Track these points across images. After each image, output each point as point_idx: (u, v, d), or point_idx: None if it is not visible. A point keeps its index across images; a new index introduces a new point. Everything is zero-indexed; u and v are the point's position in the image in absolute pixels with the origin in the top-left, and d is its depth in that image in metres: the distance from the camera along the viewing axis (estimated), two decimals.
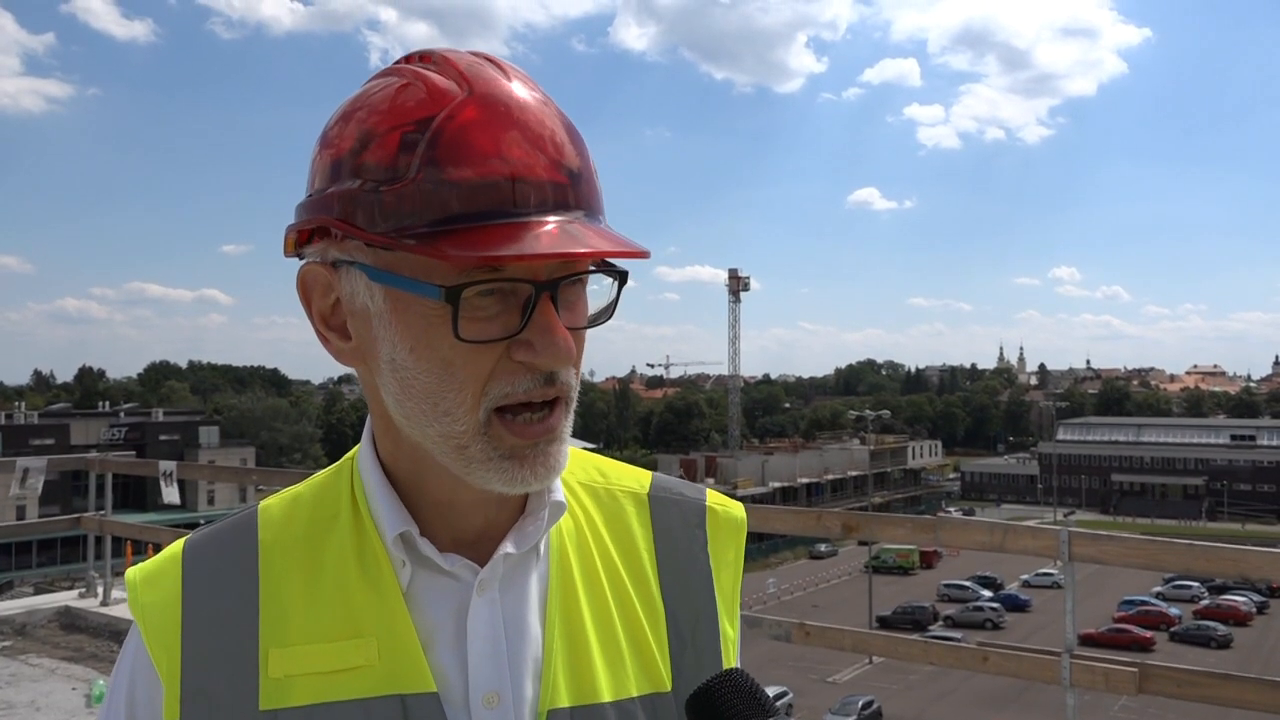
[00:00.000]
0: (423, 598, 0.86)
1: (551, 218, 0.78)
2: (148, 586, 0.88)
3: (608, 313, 0.86)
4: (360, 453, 0.91)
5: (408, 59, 0.86)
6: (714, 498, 1.01)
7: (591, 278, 0.85)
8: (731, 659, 0.96)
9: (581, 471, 0.99)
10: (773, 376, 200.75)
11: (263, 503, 0.94)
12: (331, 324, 0.86)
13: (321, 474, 0.95)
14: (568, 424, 0.85)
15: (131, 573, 0.89)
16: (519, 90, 0.82)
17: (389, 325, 0.81)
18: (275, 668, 0.83)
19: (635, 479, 1.01)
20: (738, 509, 1.02)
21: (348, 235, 0.80)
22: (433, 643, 0.84)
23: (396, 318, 0.80)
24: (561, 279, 0.80)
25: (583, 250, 0.75)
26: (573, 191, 0.80)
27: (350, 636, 0.84)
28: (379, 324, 0.82)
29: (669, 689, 0.90)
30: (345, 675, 0.82)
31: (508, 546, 0.86)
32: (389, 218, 0.78)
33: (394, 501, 0.87)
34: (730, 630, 0.97)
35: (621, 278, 0.85)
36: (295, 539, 0.89)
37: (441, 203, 0.77)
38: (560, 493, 0.90)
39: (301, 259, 0.87)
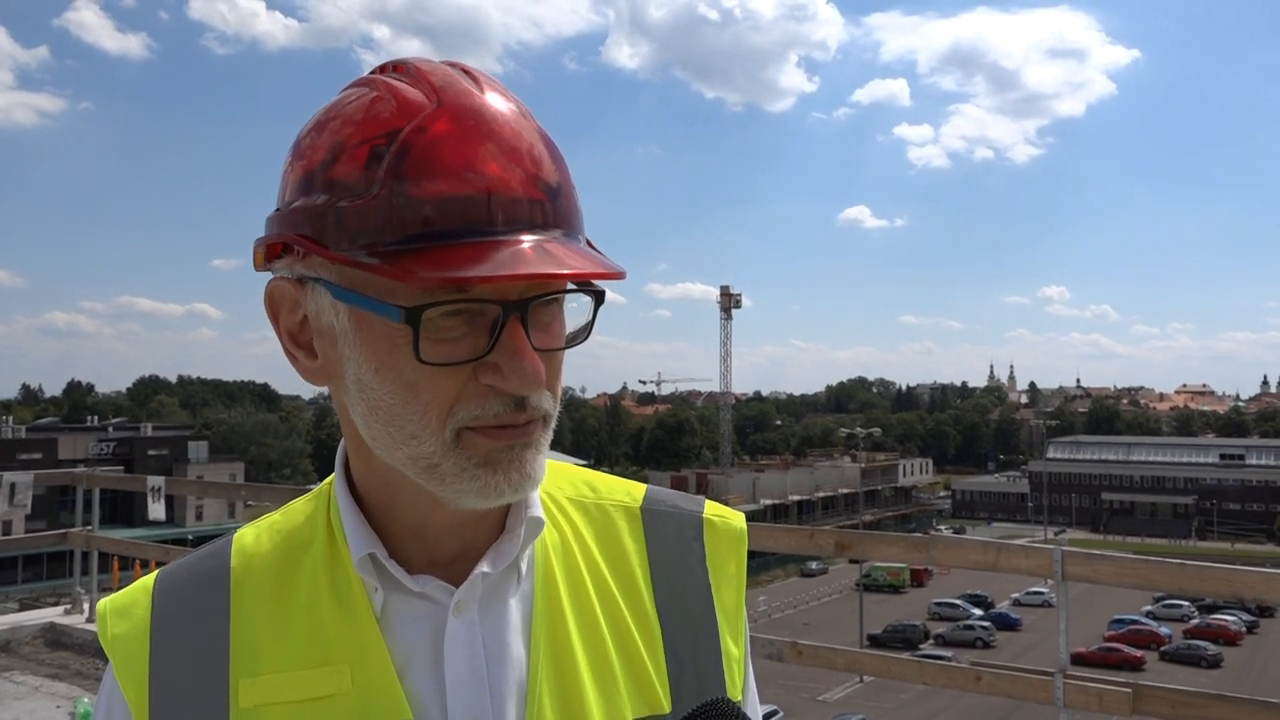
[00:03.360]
0: (397, 622, 0.83)
1: (527, 236, 0.74)
2: (117, 618, 0.86)
3: (584, 333, 0.82)
4: (335, 477, 0.89)
5: (382, 68, 0.84)
6: (712, 509, 0.97)
7: (570, 296, 0.81)
8: (736, 679, 0.91)
9: (570, 487, 0.95)
10: (764, 393, 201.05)
11: (238, 531, 0.91)
12: (299, 341, 0.83)
13: (300, 500, 0.92)
14: (545, 437, 0.81)
15: (102, 604, 0.88)
16: (494, 102, 0.78)
17: (354, 345, 0.78)
18: (245, 698, 0.80)
19: (627, 492, 0.96)
20: (737, 519, 0.97)
21: (310, 252, 0.77)
22: (409, 669, 0.81)
23: (361, 337, 0.78)
24: (533, 299, 0.76)
25: (552, 272, 0.72)
26: (550, 208, 0.77)
27: (322, 664, 0.81)
28: (345, 343, 0.79)
29: (667, 711, 0.85)
30: (317, 704, 0.80)
31: (484, 566, 0.83)
32: (353, 235, 0.75)
33: (361, 523, 0.84)
34: (734, 649, 0.92)
35: (599, 297, 0.81)
36: (268, 567, 0.86)
37: (408, 219, 0.73)
38: (538, 508, 0.86)
39: (272, 273, 0.84)
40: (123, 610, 0.86)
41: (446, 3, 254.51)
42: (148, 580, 0.88)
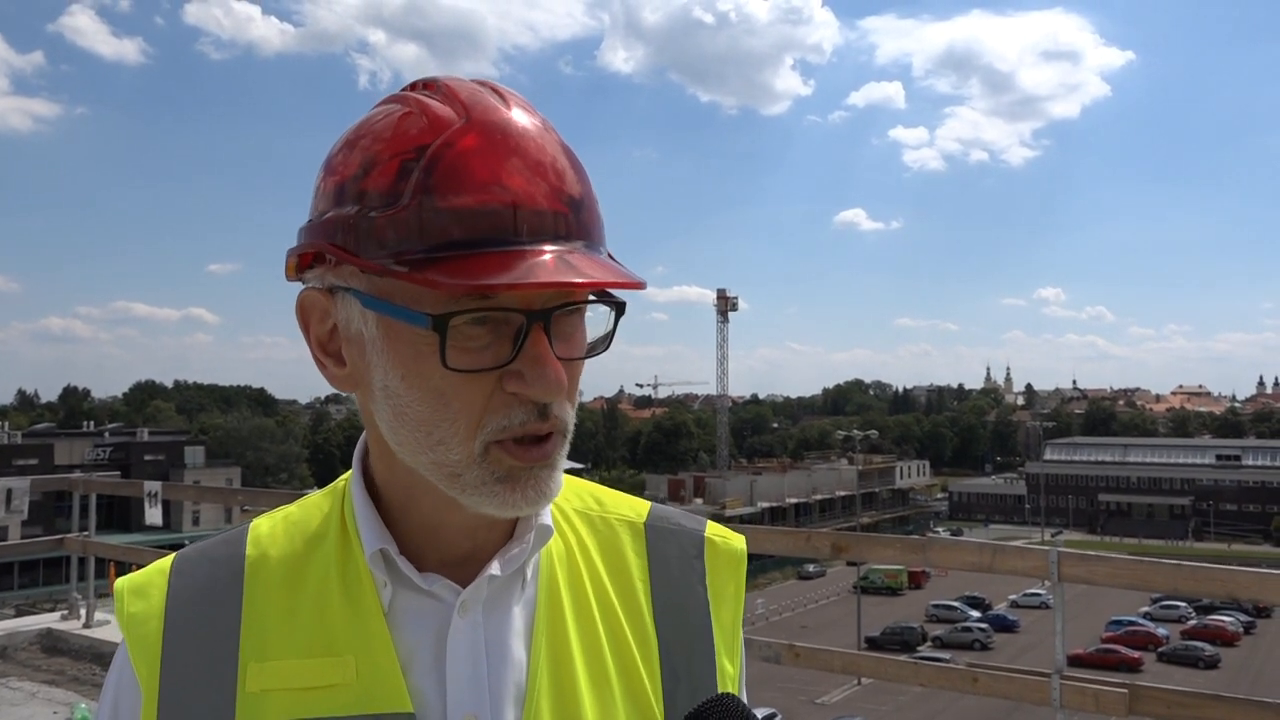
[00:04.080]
0: (404, 618, 0.85)
1: (550, 247, 0.77)
2: (134, 597, 0.88)
3: (604, 343, 0.85)
4: (352, 474, 0.91)
5: (412, 86, 0.86)
6: (713, 529, 0.99)
7: (590, 307, 0.83)
8: None
9: (577, 499, 0.97)
10: (761, 396, 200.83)
11: (254, 521, 0.94)
12: (329, 350, 0.86)
13: (316, 494, 0.95)
14: (562, 454, 0.84)
15: (120, 583, 0.90)
16: (519, 118, 0.81)
17: (382, 352, 0.80)
18: (253, 682, 0.82)
19: (633, 508, 0.99)
20: (738, 540, 0.99)
21: (341, 261, 0.80)
22: (412, 663, 0.84)
23: (389, 345, 0.80)
24: (556, 309, 0.79)
25: (574, 280, 0.74)
26: (573, 220, 0.79)
27: (328, 654, 0.83)
28: (373, 351, 0.81)
29: None
30: (321, 692, 0.82)
31: (493, 568, 0.85)
32: (382, 244, 0.77)
33: (375, 520, 0.86)
34: (730, 667, 0.94)
35: (619, 308, 0.84)
36: (282, 556, 0.89)
37: (436, 230, 0.76)
38: (548, 516, 0.89)
39: (303, 283, 0.87)
40: (140, 590, 0.88)
41: (442, 7, 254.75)
42: (165, 562, 0.91)
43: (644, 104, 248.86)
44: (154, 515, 7.51)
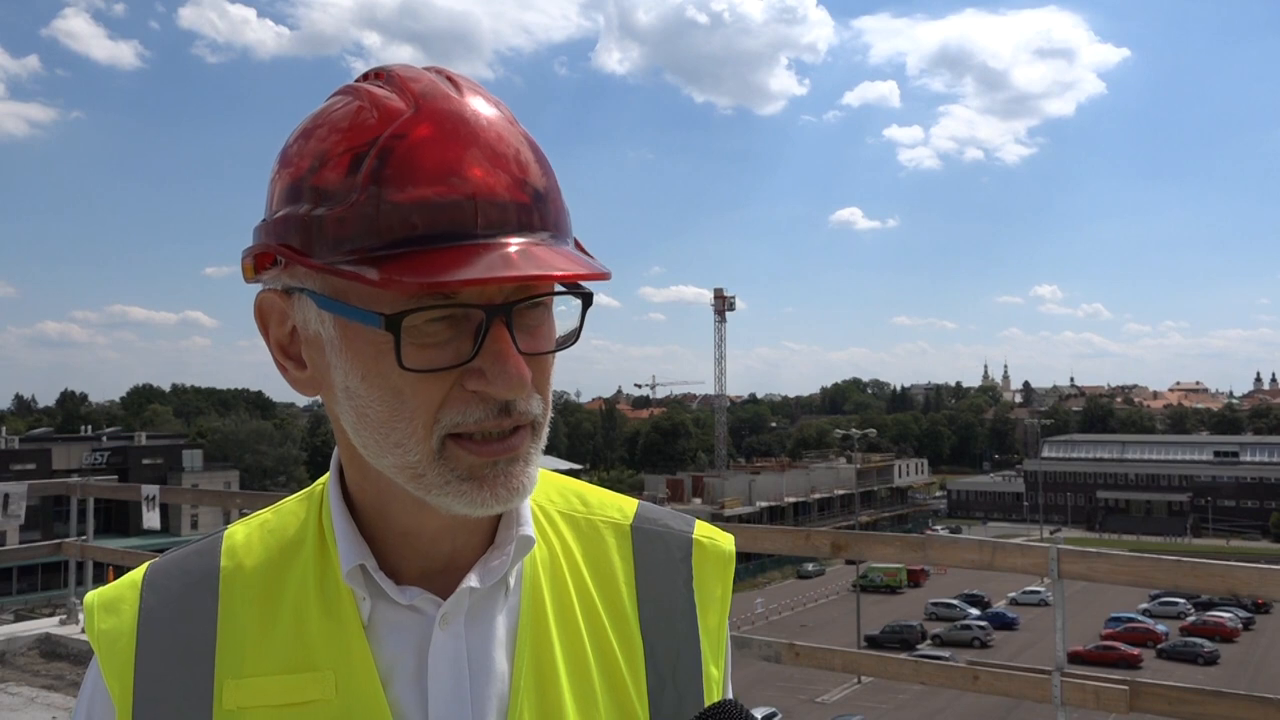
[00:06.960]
0: (384, 631, 0.83)
1: (514, 239, 0.74)
2: (105, 613, 0.86)
3: (573, 336, 0.82)
4: (329, 480, 0.89)
5: (364, 76, 0.84)
6: (701, 529, 0.97)
7: (559, 299, 0.81)
8: (715, 699, 0.91)
9: (562, 500, 0.95)
10: (759, 396, 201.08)
11: (229, 528, 0.91)
12: (289, 353, 0.84)
13: (292, 500, 0.93)
14: (534, 446, 0.81)
15: (90, 597, 0.87)
16: (477, 106, 0.78)
17: (341, 353, 0.78)
18: (229, 699, 0.81)
19: (618, 508, 0.96)
20: (726, 541, 0.97)
21: (294, 262, 0.78)
22: (393, 678, 0.82)
23: (347, 345, 0.78)
24: (517, 302, 0.76)
25: (536, 274, 0.72)
26: (536, 212, 0.77)
27: (307, 669, 0.81)
28: (332, 352, 0.79)
29: None
30: (300, 709, 0.80)
31: (471, 580, 0.83)
32: (335, 242, 0.74)
33: (352, 533, 0.84)
34: (715, 671, 0.93)
35: (587, 300, 0.81)
36: (258, 567, 0.86)
37: (390, 225, 0.73)
38: (529, 526, 0.86)
39: (262, 285, 0.84)
40: (110, 605, 0.86)
41: (436, 9, 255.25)
42: (136, 575, 0.88)
43: (639, 105, 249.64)
44: (152, 519, 7.50)
